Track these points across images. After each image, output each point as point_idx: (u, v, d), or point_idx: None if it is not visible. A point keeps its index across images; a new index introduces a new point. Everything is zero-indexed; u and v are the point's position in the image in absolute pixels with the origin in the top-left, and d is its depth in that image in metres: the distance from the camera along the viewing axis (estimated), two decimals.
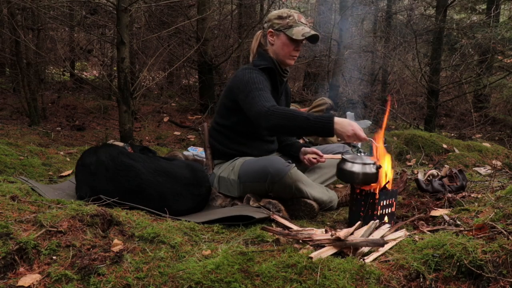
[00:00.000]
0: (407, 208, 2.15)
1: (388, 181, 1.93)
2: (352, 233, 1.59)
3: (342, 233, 1.52)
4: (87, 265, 1.33)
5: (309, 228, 1.67)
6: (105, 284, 1.27)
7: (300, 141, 2.58)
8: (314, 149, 2.38)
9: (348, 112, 4.11)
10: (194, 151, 3.34)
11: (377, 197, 1.84)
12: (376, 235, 1.61)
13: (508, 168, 2.94)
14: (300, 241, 1.55)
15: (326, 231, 1.58)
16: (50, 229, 1.47)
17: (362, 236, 1.57)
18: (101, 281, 1.28)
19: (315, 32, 2.19)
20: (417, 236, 1.62)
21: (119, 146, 2.24)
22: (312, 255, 1.39)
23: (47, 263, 1.34)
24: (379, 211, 1.85)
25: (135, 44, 5.39)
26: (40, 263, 1.34)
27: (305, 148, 2.40)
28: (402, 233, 1.66)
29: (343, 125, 1.87)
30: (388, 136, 3.80)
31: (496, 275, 1.24)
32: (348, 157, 1.91)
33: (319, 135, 1.94)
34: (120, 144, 2.49)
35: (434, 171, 2.43)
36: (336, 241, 1.48)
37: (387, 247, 1.50)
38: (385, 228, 1.69)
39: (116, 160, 2.01)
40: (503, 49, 6.22)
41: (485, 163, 3.23)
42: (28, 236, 1.41)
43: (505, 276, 1.23)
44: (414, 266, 1.33)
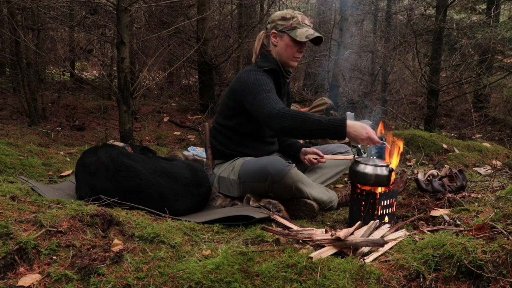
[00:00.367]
0: (407, 208, 2.15)
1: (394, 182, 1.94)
2: (352, 233, 1.59)
3: (342, 233, 1.52)
4: (87, 265, 1.33)
5: (309, 228, 1.67)
6: (105, 284, 1.27)
7: (300, 141, 2.58)
8: (315, 149, 2.38)
9: (348, 112, 4.10)
10: (194, 151, 3.34)
11: (378, 197, 1.84)
12: (376, 235, 1.61)
13: (508, 168, 2.94)
14: (300, 241, 1.55)
15: (326, 231, 1.58)
16: (50, 229, 1.47)
17: (362, 236, 1.57)
18: (101, 281, 1.28)
19: (319, 34, 2.18)
20: (417, 236, 1.62)
21: (119, 146, 2.24)
22: (312, 255, 1.39)
23: (47, 263, 1.34)
24: (380, 211, 1.85)
25: (135, 44, 5.39)
26: (40, 263, 1.34)
27: (306, 149, 2.40)
28: (402, 233, 1.66)
29: (356, 129, 1.86)
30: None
31: (496, 275, 1.24)
32: (361, 159, 1.92)
33: (331, 138, 1.93)
34: (120, 144, 2.49)
35: (434, 171, 2.43)
36: (336, 241, 1.48)
37: (387, 247, 1.50)
38: (385, 228, 1.69)
39: (116, 161, 2.02)
40: (503, 49, 6.22)
41: (485, 163, 3.23)
42: (28, 236, 1.41)
43: (505, 276, 1.23)
44: (414, 266, 1.33)
